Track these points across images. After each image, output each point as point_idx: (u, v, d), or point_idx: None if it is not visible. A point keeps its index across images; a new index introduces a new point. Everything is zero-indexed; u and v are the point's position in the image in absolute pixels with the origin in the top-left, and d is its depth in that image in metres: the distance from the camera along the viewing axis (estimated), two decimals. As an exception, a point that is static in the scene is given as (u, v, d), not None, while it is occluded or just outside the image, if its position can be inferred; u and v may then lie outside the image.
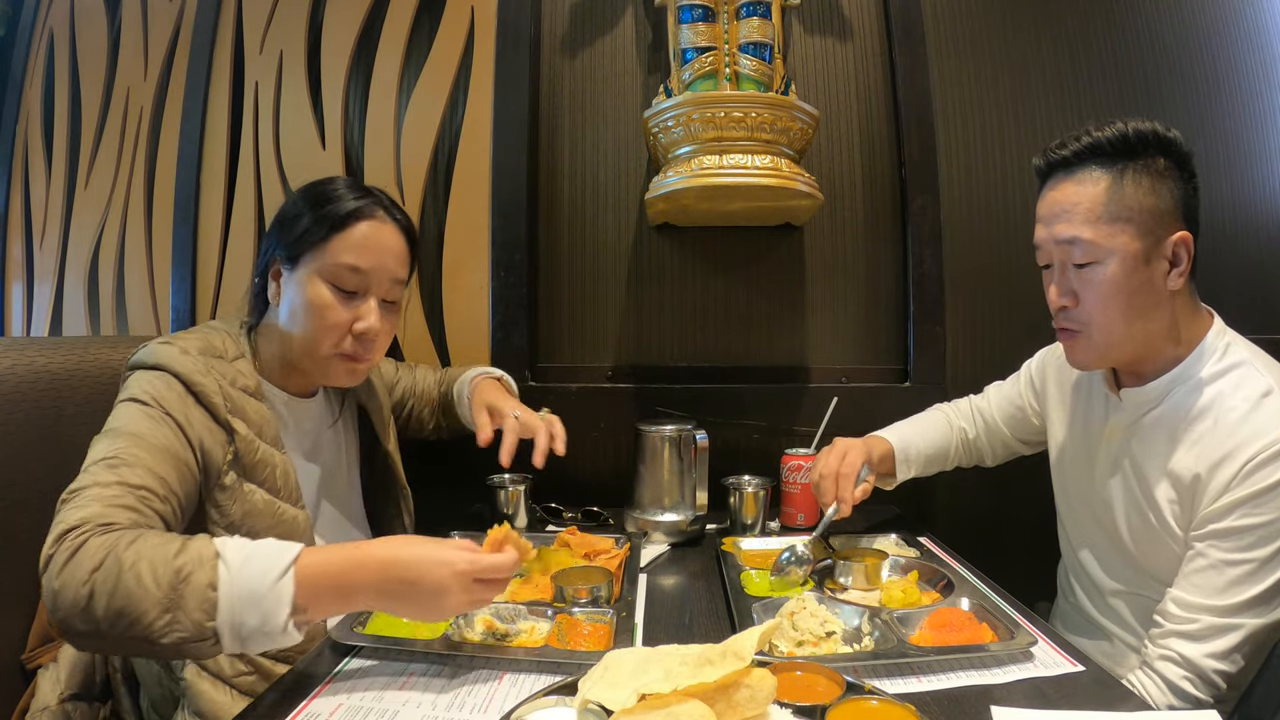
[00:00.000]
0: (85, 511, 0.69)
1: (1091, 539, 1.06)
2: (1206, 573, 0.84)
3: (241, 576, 0.66)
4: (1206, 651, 0.82)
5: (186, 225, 1.66)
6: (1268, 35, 1.68)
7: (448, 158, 1.59)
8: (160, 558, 0.65)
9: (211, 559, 0.66)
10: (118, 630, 0.63)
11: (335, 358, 0.96)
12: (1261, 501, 0.82)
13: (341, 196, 0.96)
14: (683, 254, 1.60)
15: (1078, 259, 0.91)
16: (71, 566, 0.65)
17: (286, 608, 0.66)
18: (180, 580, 0.64)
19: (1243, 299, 1.60)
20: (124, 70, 1.80)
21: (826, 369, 1.59)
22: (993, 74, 1.61)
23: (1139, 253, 0.89)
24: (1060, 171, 0.94)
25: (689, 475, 1.25)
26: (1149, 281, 0.89)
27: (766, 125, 1.25)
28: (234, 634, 0.65)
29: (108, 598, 0.63)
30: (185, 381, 0.86)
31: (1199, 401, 0.90)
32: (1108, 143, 0.90)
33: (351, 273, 0.94)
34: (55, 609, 0.65)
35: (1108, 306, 0.91)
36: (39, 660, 0.90)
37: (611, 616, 0.86)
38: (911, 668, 0.76)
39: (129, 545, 0.66)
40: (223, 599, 0.65)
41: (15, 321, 1.92)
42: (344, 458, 1.12)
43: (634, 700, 0.56)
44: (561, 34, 1.61)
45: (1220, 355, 0.92)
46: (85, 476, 0.74)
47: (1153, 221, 0.88)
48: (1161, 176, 0.89)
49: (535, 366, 1.58)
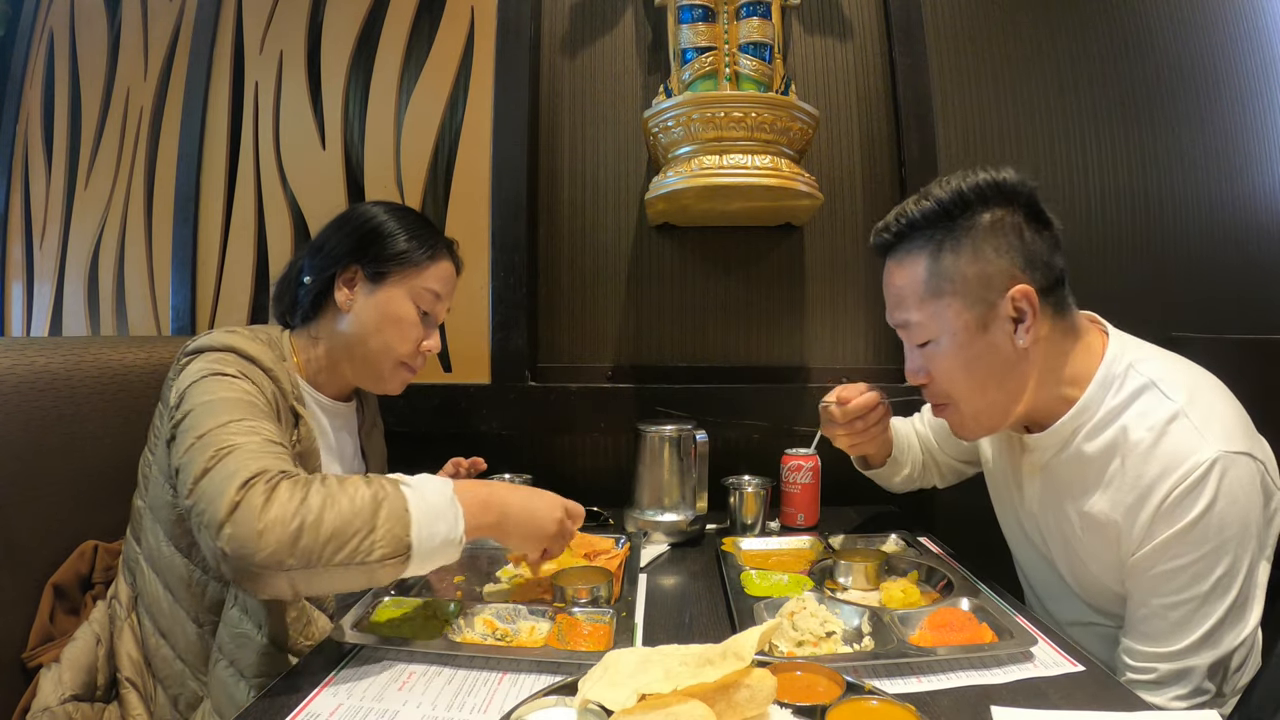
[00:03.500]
0: (259, 463, 0.74)
1: (1039, 572, 1.03)
2: (1151, 620, 0.80)
3: (425, 497, 0.77)
4: (1172, 696, 0.79)
5: (186, 225, 1.66)
6: (1268, 35, 1.68)
7: (448, 158, 1.59)
8: (353, 487, 0.74)
9: (396, 485, 0.77)
10: (326, 556, 0.70)
11: (400, 367, 1.06)
12: (1186, 538, 0.77)
13: (429, 230, 1.08)
14: (683, 254, 1.60)
15: (916, 339, 0.91)
16: (273, 505, 0.70)
17: (463, 520, 0.79)
18: (378, 504, 0.74)
19: (1243, 299, 1.60)
20: (124, 70, 1.80)
21: (826, 369, 1.59)
22: (993, 74, 1.61)
23: (971, 323, 0.85)
24: (887, 255, 0.94)
25: (689, 475, 1.25)
26: (991, 347, 0.85)
27: (766, 125, 1.25)
28: (423, 547, 0.75)
29: (317, 528, 0.70)
30: (260, 365, 0.91)
31: (1103, 442, 0.84)
32: (922, 216, 0.87)
33: (434, 299, 1.06)
34: (259, 550, 0.68)
35: (955, 381, 0.89)
36: (39, 659, 0.90)
37: (611, 616, 0.86)
38: (911, 668, 0.76)
39: (321, 483, 0.74)
40: (415, 516, 0.75)
41: (15, 321, 1.92)
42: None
43: (634, 700, 0.56)
44: (561, 34, 1.61)
45: (1119, 385, 0.85)
46: (229, 436, 0.77)
47: (980, 286, 0.84)
48: (987, 234, 0.84)
49: (535, 366, 1.58)
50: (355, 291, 1.03)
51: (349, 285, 1.03)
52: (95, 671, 0.90)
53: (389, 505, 0.74)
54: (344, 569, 0.71)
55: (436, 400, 1.52)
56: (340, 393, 1.10)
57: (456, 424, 1.52)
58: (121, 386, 1.04)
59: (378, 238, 1.03)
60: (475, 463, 1.27)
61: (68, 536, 0.95)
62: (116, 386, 1.03)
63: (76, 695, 0.87)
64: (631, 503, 1.28)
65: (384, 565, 0.73)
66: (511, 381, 1.52)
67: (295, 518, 0.70)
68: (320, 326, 1.05)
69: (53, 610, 0.93)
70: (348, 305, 1.02)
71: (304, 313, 1.05)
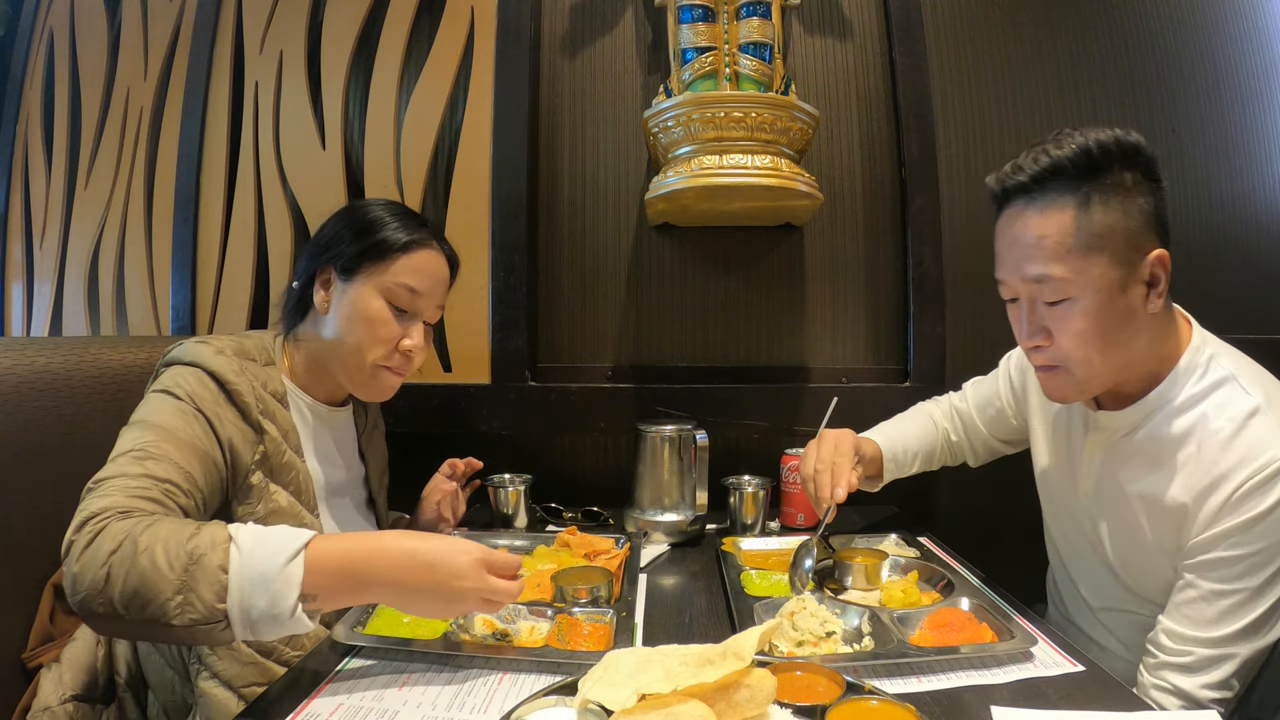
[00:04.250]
0: (108, 500, 0.70)
1: (1080, 556, 1.02)
2: (1197, 604, 0.81)
3: (252, 559, 0.67)
4: (1201, 683, 0.80)
5: (186, 225, 1.66)
6: (1268, 35, 1.68)
7: (448, 158, 1.59)
8: (175, 540, 0.66)
9: (224, 542, 0.67)
10: (133, 612, 0.64)
11: (379, 369, 0.99)
12: (1251, 530, 0.78)
13: (405, 221, 1.01)
14: (683, 254, 1.60)
15: (1048, 297, 0.84)
16: (91, 550, 0.66)
17: (295, 591, 0.66)
18: (193, 562, 0.65)
19: (1243, 299, 1.60)
20: (124, 70, 1.80)
21: (826, 369, 1.59)
22: (993, 74, 1.61)
23: (1115, 282, 0.81)
24: (1019, 198, 0.85)
25: (689, 475, 1.25)
26: (1128, 309, 0.83)
27: (766, 125, 1.25)
28: (244, 617, 0.66)
29: (124, 579, 0.64)
30: (219, 379, 0.88)
31: (1181, 426, 0.85)
32: (1069, 162, 0.81)
33: (408, 293, 0.99)
34: (75, 592, 0.66)
35: (1086, 343, 0.83)
36: (39, 659, 0.89)
37: (611, 616, 0.86)
38: (911, 668, 0.76)
39: (146, 529, 0.67)
40: (233, 581, 0.65)
41: (15, 321, 1.92)
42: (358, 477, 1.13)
43: (634, 700, 0.56)
44: (561, 34, 1.61)
45: (1202, 373, 0.86)
46: (112, 467, 0.75)
47: (1126, 246, 0.81)
48: (1130, 192, 0.81)
49: (535, 367, 1.58)
50: (330, 292, 0.99)
51: (325, 286, 1.00)
52: (95, 673, 0.90)
53: (204, 565, 0.65)
54: (156, 626, 0.65)
55: (436, 400, 1.52)
56: (333, 396, 1.06)
57: (456, 424, 1.52)
58: (121, 386, 1.03)
59: (348, 234, 0.99)
60: (471, 463, 1.25)
61: (68, 536, 0.95)
62: (116, 386, 1.03)
63: (77, 696, 0.87)
64: (631, 503, 1.28)
65: (198, 629, 0.65)
66: (511, 381, 1.52)
67: (104, 565, 0.65)
68: (304, 330, 1.02)
69: (52, 611, 0.92)
70: (324, 307, 0.99)
71: (290, 317, 1.03)
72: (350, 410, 1.12)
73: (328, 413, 1.05)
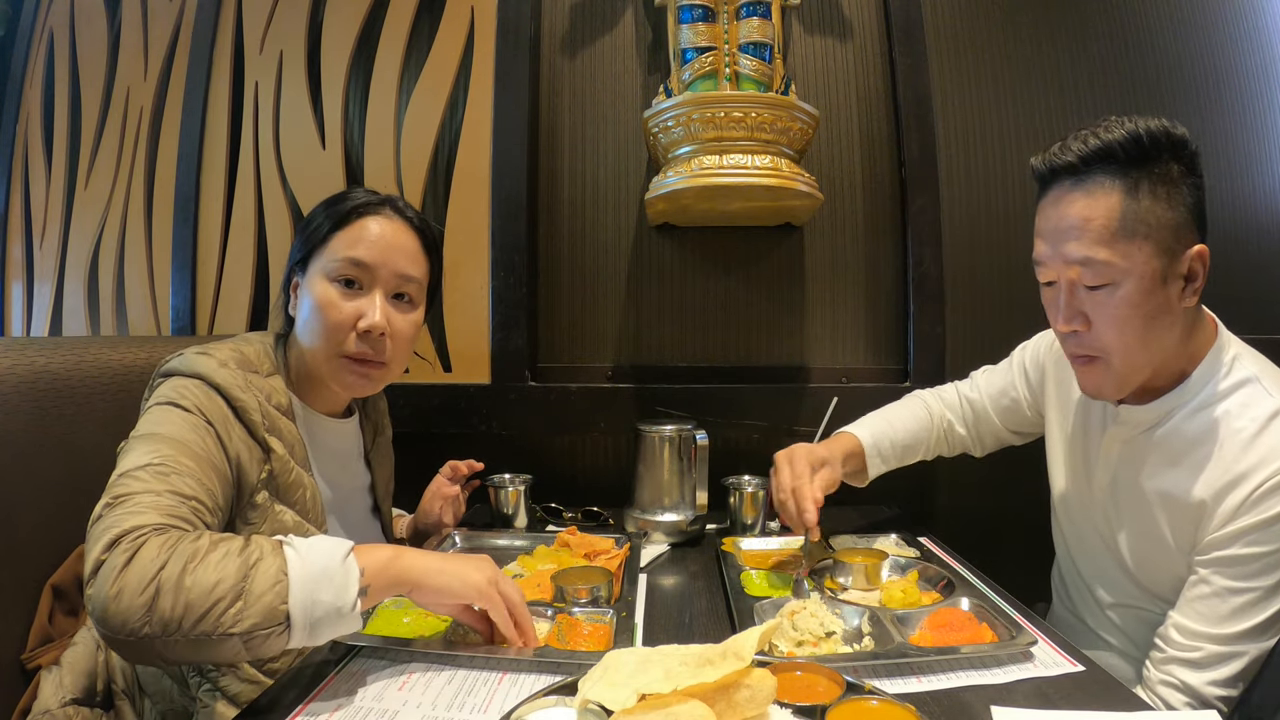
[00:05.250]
0: (142, 519, 0.67)
1: (1090, 551, 1.02)
2: (1209, 600, 0.81)
3: (310, 558, 0.68)
4: (1209, 679, 0.80)
5: (186, 225, 1.66)
6: (1268, 35, 1.68)
7: (448, 158, 1.59)
8: (224, 550, 0.66)
9: (278, 546, 0.69)
10: (185, 627, 0.63)
11: (342, 360, 0.92)
12: (1269, 529, 0.79)
13: (351, 197, 0.96)
14: (683, 254, 1.60)
15: (1089, 281, 0.82)
16: (134, 567, 0.63)
17: (357, 583, 0.69)
18: (250, 567, 0.65)
19: (1243, 299, 1.60)
20: (124, 70, 1.80)
21: (826, 369, 1.59)
22: (993, 74, 1.61)
23: (1157, 272, 0.80)
24: (1065, 179, 0.84)
25: (689, 475, 1.25)
26: (1165, 302, 0.82)
27: (766, 125, 1.25)
28: (306, 615, 0.66)
29: (174, 593, 0.62)
30: (225, 395, 0.84)
31: (1203, 424, 0.85)
32: (1120, 147, 0.80)
33: (353, 266, 0.91)
34: (113, 615, 0.62)
35: (1124, 331, 0.83)
36: (38, 660, 0.89)
37: (611, 616, 0.86)
38: (911, 668, 0.75)
39: (191, 542, 0.66)
40: (294, 581, 0.66)
41: (15, 321, 1.92)
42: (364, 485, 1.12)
43: (634, 700, 0.56)
44: (561, 34, 1.61)
45: (1226, 373, 0.86)
46: (134, 482, 0.71)
47: (1170, 237, 0.80)
48: (1176, 184, 0.81)
49: (535, 367, 1.58)
50: (296, 293, 0.96)
51: (294, 290, 0.97)
52: (95, 677, 0.89)
53: (262, 570, 0.66)
54: (208, 641, 0.63)
55: (436, 400, 1.52)
56: (331, 406, 1.02)
57: (456, 424, 1.52)
58: (121, 386, 1.03)
59: (301, 233, 0.97)
60: (472, 465, 1.25)
61: (68, 537, 0.95)
62: (116, 386, 1.03)
63: (77, 699, 0.87)
64: (631, 503, 1.28)
65: (255, 636, 0.64)
66: (511, 381, 1.52)
67: (151, 583, 0.62)
68: (292, 336, 0.98)
69: (51, 611, 0.92)
70: (294, 310, 0.96)
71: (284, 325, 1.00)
72: (356, 421, 1.09)
73: (333, 425, 1.03)
